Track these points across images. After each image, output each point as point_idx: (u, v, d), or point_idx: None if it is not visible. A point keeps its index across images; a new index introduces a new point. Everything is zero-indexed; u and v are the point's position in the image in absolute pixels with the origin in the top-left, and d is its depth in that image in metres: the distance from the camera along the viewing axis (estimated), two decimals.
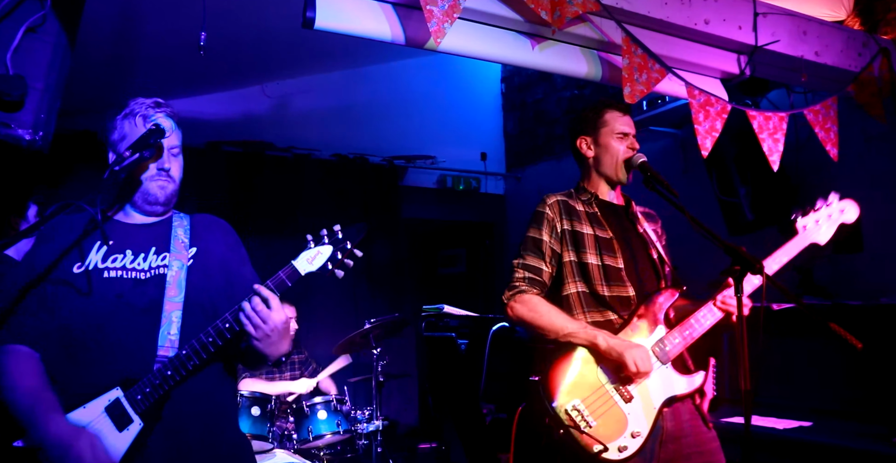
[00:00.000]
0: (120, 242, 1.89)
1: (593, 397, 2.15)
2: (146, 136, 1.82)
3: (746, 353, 1.90)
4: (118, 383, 1.72)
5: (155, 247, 1.91)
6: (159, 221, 1.98)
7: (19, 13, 2.00)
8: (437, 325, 4.80)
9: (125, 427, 1.71)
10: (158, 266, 1.88)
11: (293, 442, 4.12)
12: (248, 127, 5.75)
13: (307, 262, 1.78)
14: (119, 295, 1.81)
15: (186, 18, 2.85)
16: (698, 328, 2.25)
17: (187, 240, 1.95)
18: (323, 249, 1.80)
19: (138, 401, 1.71)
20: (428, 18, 2.43)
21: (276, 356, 1.83)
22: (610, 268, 2.30)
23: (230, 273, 1.99)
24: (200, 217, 2.08)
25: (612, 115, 2.43)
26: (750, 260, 2.00)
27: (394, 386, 5.50)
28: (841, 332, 1.98)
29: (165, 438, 1.74)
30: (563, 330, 2.20)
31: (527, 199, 6.72)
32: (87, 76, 3.21)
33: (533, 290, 2.29)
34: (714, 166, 4.18)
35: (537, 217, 2.38)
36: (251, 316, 1.73)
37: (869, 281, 3.81)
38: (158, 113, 1.93)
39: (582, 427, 2.10)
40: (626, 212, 2.47)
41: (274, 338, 1.77)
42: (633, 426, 2.14)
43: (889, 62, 3.62)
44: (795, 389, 3.42)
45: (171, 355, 1.76)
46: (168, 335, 1.79)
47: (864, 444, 2.78)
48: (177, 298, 1.83)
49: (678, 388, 2.22)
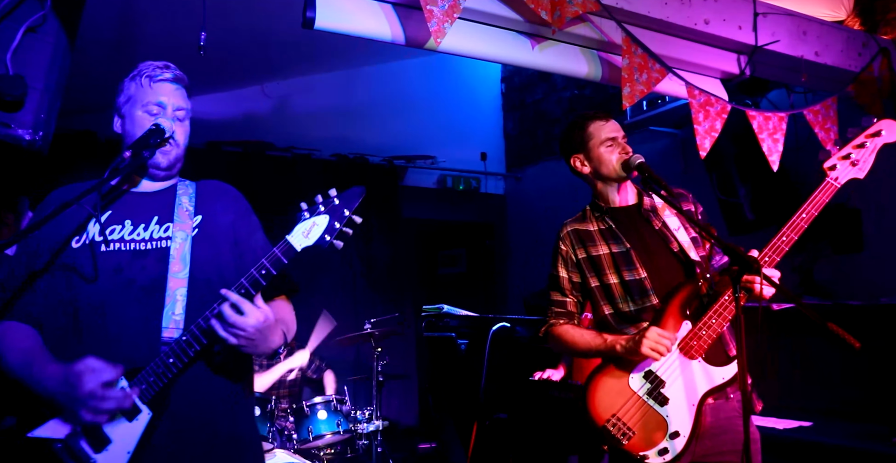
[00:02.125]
0: (119, 212, 1.82)
1: (627, 406, 2.18)
2: (146, 136, 1.79)
3: (745, 352, 1.91)
4: (123, 371, 1.64)
5: (157, 216, 1.82)
6: (163, 189, 1.90)
7: (19, 13, 2.00)
8: (437, 325, 4.81)
9: (134, 417, 1.65)
10: (161, 237, 1.79)
11: (293, 442, 4.12)
12: (248, 127, 5.75)
13: (303, 235, 1.66)
14: (118, 269, 1.73)
15: (186, 19, 2.85)
16: (722, 317, 2.18)
17: (192, 208, 1.86)
18: (319, 219, 1.67)
19: (143, 390, 1.66)
20: (428, 18, 2.43)
21: (268, 352, 1.73)
22: (632, 282, 2.30)
23: (239, 242, 1.90)
24: (207, 183, 1.99)
25: (595, 126, 2.41)
26: (749, 260, 1.99)
27: (394, 386, 5.49)
28: (839, 331, 1.97)
29: (173, 425, 1.69)
30: (591, 349, 2.32)
31: (527, 199, 6.73)
32: (87, 76, 3.21)
33: (560, 321, 2.42)
34: (714, 166, 4.18)
35: (554, 253, 2.48)
36: (225, 327, 1.61)
37: (869, 281, 3.82)
38: (165, 73, 1.87)
39: (623, 441, 2.15)
40: (639, 212, 2.42)
41: (258, 340, 1.65)
42: (672, 428, 2.16)
43: (889, 62, 3.63)
44: (795, 389, 3.42)
45: (176, 337, 1.69)
46: (172, 316, 1.71)
47: (864, 444, 2.78)
48: (181, 274, 1.75)
49: (714, 380, 2.19)
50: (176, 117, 1.87)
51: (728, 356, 2.25)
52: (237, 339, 1.62)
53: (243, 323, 1.61)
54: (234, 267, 1.83)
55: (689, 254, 2.34)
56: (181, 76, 1.91)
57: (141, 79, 1.87)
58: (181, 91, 1.91)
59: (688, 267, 2.35)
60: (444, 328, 4.76)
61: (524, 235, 6.66)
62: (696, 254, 2.35)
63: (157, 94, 1.86)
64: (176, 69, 1.91)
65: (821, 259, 4.05)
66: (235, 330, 1.61)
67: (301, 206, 1.70)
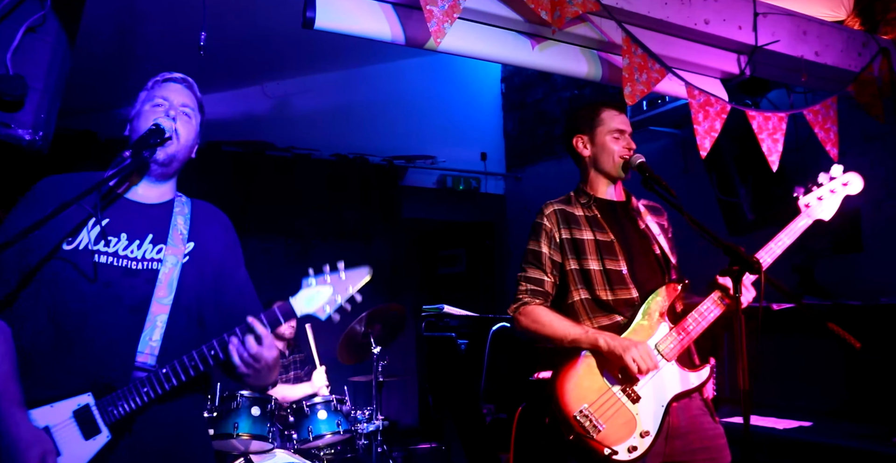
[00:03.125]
0: (117, 221, 1.80)
1: (601, 401, 2.16)
2: (146, 136, 1.78)
3: (745, 352, 1.91)
4: (90, 387, 1.66)
5: (152, 234, 1.82)
6: (161, 203, 1.90)
7: (19, 13, 2.00)
8: (437, 325, 4.81)
9: (92, 436, 1.64)
10: (152, 259, 1.80)
11: (293, 442, 4.11)
12: (248, 127, 5.75)
13: (305, 302, 1.72)
14: (107, 284, 1.73)
15: (186, 18, 2.86)
16: (702, 322, 2.24)
17: (186, 231, 1.87)
18: (323, 289, 1.73)
19: (108, 411, 1.65)
20: (428, 18, 2.43)
21: (261, 387, 1.78)
22: (612, 272, 2.31)
23: (223, 276, 1.91)
24: (202, 206, 1.99)
25: (609, 114, 2.43)
26: (748, 260, 2.00)
27: (394, 386, 5.49)
28: (839, 331, 1.98)
29: (130, 449, 1.68)
30: (568, 337, 2.24)
31: (527, 199, 6.73)
32: (87, 76, 3.21)
33: (536, 301, 2.33)
34: (714, 166, 4.18)
35: (536, 229, 2.41)
36: (241, 353, 1.66)
37: (869, 281, 3.82)
38: (174, 75, 1.90)
39: (591, 433, 2.12)
40: (626, 208, 2.47)
41: (264, 373, 1.71)
42: (642, 426, 2.15)
43: (889, 62, 3.62)
44: (795, 389, 3.42)
45: (149, 363, 1.70)
46: (150, 341, 1.72)
47: (864, 444, 2.78)
48: (165, 300, 1.76)
49: (685, 383, 2.22)
50: (183, 113, 1.87)
51: (694, 364, 2.29)
52: (248, 368, 1.67)
53: (260, 354, 1.66)
54: (213, 301, 1.87)
55: (669, 257, 2.39)
56: (192, 83, 1.94)
57: (150, 83, 1.91)
58: (188, 91, 1.92)
59: (666, 269, 2.39)
60: (444, 328, 4.76)
61: (524, 235, 6.64)
62: (673, 259, 2.40)
63: (164, 91, 1.89)
64: (189, 78, 1.94)
65: (821, 259, 4.05)
66: (251, 360, 1.65)
67: (308, 271, 1.74)
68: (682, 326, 2.24)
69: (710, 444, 2.23)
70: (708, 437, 2.24)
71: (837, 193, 2.38)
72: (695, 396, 2.28)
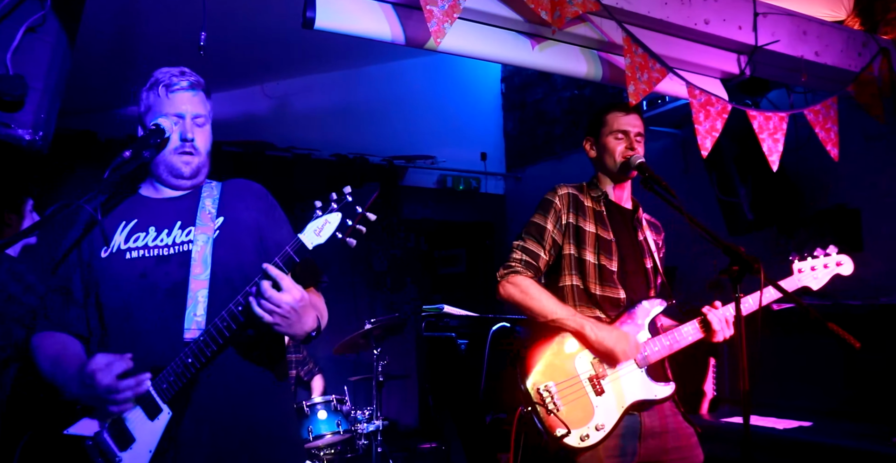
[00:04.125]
0: (144, 219, 1.86)
1: (566, 384, 2.19)
2: (146, 136, 1.81)
3: (745, 352, 1.91)
4: (147, 371, 1.69)
5: (180, 221, 1.86)
6: (187, 194, 1.93)
7: (19, 13, 2.00)
8: (437, 325, 4.80)
9: (156, 416, 1.69)
10: (183, 241, 1.82)
11: None
12: (248, 127, 5.75)
13: (314, 233, 1.64)
14: (143, 275, 1.78)
15: (186, 18, 2.85)
16: (680, 341, 2.30)
17: (214, 210, 1.89)
18: (331, 216, 1.63)
19: (164, 389, 1.69)
20: (428, 18, 2.43)
21: (302, 335, 1.72)
22: (604, 269, 2.33)
23: (264, 238, 1.91)
24: (232, 183, 2.02)
25: (613, 116, 2.46)
26: (749, 260, 2.00)
27: (394, 386, 5.49)
28: (839, 332, 1.98)
29: (197, 423, 1.71)
30: (553, 314, 2.24)
31: (527, 199, 6.72)
32: (87, 76, 3.21)
33: (527, 273, 2.34)
34: (714, 166, 4.18)
35: (545, 204, 2.41)
36: (261, 302, 1.61)
37: (869, 281, 3.81)
38: (182, 81, 1.88)
39: (549, 408, 2.13)
40: (632, 217, 2.49)
41: (293, 318, 1.65)
42: (598, 419, 2.17)
43: (889, 62, 3.62)
44: (795, 389, 3.42)
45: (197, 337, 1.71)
46: (194, 317, 1.74)
47: (864, 444, 2.78)
48: (202, 276, 1.77)
49: (650, 393, 2.26)
50: (196, 124, 1.90)
51: (666, 376, 2.32)
52: (272, 316, 1.62)
53: (279, 299, 1.61)
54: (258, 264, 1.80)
55: (659, 272, 2.43)
56: (198, 81, 1.92)
57: (158, 89, 1.88)
58: (199, 96, 1.92)
59: (654, 283, 2.43)
60: (444, 328, 4.76)
61: None
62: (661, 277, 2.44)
63: (176, 105, 1.87)
64: (192, 73, 1.92)
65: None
66: (272, 306, 1.61)
67: (315, 205, 1.67)
68: (662, 339, 2.29)
69: (683, 443, 2.27)
70: (681, 436, 2.28)
71: (829, 270, 2.49)
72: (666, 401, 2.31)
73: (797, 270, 2.46)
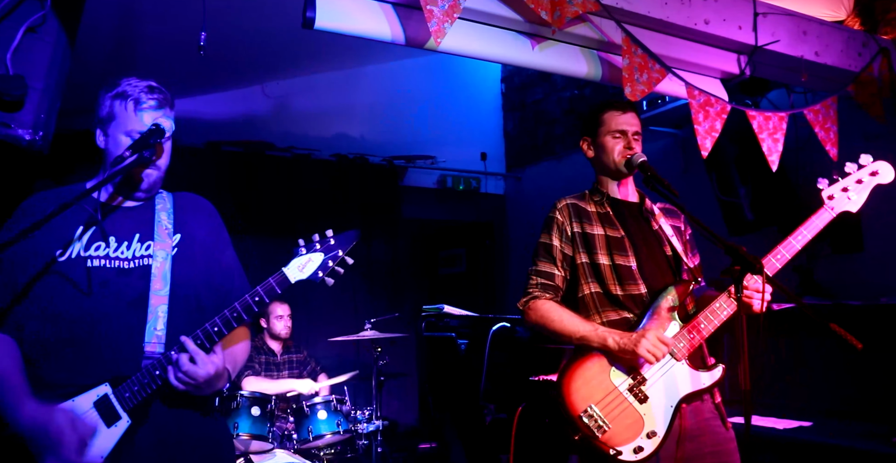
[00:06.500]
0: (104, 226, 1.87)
1: (607, 400, 2.15)
2: (146, 136, 1.80)
3: (746, 352, 1.90)
4: (107, 379, 1.73)
5: (139, 234, 1.88)
6: (141, 205, 1.94)
7: (19, 13, 2.00)
8: (437, 325, 4.81)
9: (113, 423, 1.72)
10: (143, 255, 1.86)
11: (293, 442, 4.12)
12: (248, 127, 5.75)
13: (298, 269, 1.81)
14: (104, 284, 1.80)
15: (186, 18, 2.85)
16: (714, 321, 2.20)
17: (171, 225, 1.93)
18: (314, 256, 1.82)
19: (126, 398, 1.72)
20: (428, 18, 2.43)
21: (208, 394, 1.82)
22: (622, 267, 2.30)
23: (212, 259, 1.98)
24: (184, 197, 2.04)
25: (610, 115, 2.43)
26: (750, 260, 1.99)
27: (394, 386, 5.50)
28: (841, 332, 1.97)
29: (153, 433, 1.76)
30: (577, 333, 2.22)
31: (527, 199, 6.73)
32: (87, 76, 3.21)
33: (546, 295, 2.32)
34: (714, 166, 4.18)
35: (548, 223, 2.41)
36: (178, 375, 1.71)
37: (869, 281, 3.82)
38: (151, 100, 1.84)
39: (597, 433, 2.11)
40: (640, 209, 2.46)
41: (204, 387, 1.75)
42: (649, 427, 2.13)
43: (889, 62, 3.63)
44: (795, 389, 3.42)
45: (157, 351, 1.77)
46: (155, 331, 1.79)
47: (864, 444, 2.78)
48: (162, 292, 1.82)
49: (696, 383, 2.19)
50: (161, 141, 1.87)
51: (706, 363, 2.27)
52: (184, 386, 1.72)
53: (195, 373, 1.71)
54: (207, 285, 1.93)
55: (682, 257, 2.37)
56: (165, 98, 1.89)
57: (126, 102, 1.84)
58: (164, 112, 1.88)
59: (677, 269, 2.38)
60: (444, 328, 4.76)
61: (524, 235, 6.65)
62: (691, 261, 2.39)
63: (142, 123, 1.84)
64: (159, 89, 1.88)
65: (821, 259, 4.05)
66: (188, 379, 1.71)
67: (298, 243, 1.84)
68: (694, 325, 2.21)
69: (720, 448, 2.21)
70: (718, 441, 2.22)
71: (866, 184, 2.25)
72: (706, 399, 2.25)
73: (827, 198, 2.23)
